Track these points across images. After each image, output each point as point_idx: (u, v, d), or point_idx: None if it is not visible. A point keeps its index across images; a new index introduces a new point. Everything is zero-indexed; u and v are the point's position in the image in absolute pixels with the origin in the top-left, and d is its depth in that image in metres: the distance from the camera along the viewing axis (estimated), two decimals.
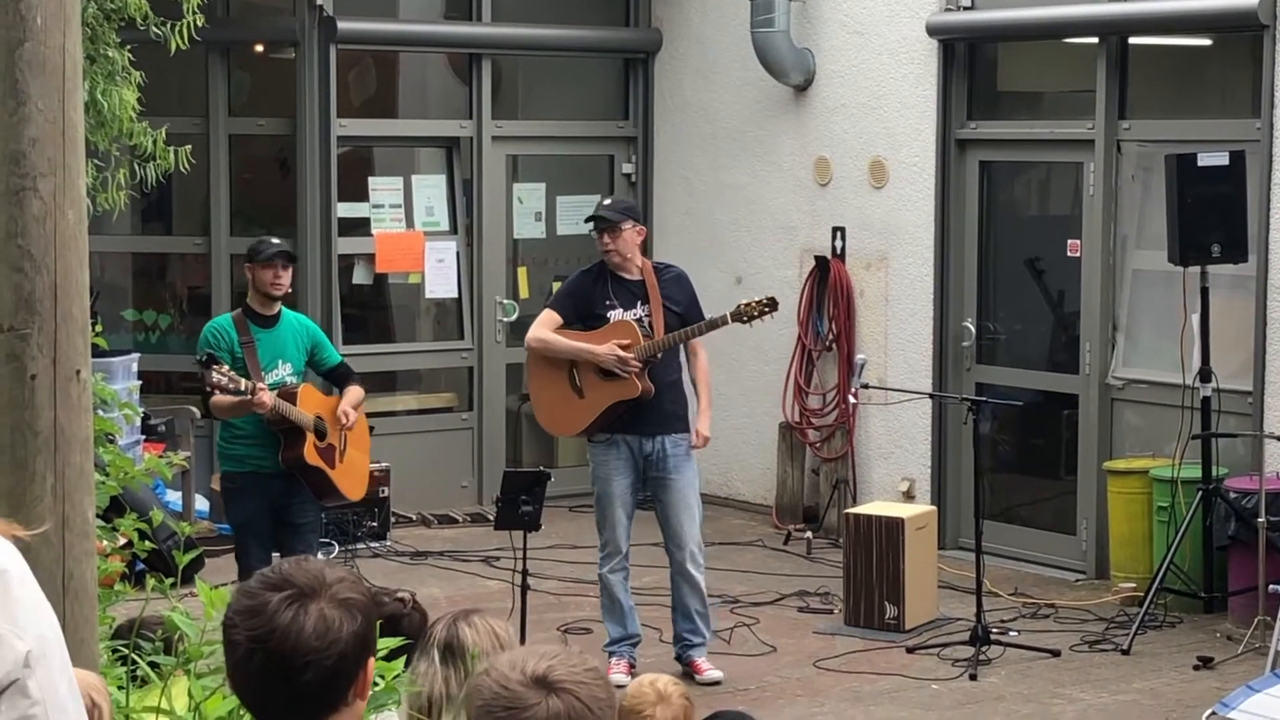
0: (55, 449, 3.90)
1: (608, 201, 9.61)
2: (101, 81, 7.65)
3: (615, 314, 9.10)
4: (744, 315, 9.28)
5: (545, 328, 9.19)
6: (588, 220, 9.41)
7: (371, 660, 2.95)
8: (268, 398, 8.58)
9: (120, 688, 4.67)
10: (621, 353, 8.96)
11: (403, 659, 4.20)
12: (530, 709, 2.84)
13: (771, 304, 9.35)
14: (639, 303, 9.11)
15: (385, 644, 4.42)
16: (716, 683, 9.07)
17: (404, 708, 4.15)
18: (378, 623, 3.00)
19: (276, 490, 8.80)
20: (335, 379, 9.15)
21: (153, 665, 4.99)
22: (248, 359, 8.78)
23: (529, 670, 2.89)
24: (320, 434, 8.83)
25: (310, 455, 8.79)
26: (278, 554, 8.68)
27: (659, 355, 9.03)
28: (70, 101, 3.92)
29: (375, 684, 4.43)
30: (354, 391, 9.06)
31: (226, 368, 8.59)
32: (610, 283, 9.14)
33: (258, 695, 2.90)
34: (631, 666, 9.04)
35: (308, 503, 8.91)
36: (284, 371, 8.87)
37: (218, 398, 8.66)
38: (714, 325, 9.14)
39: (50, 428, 3.90)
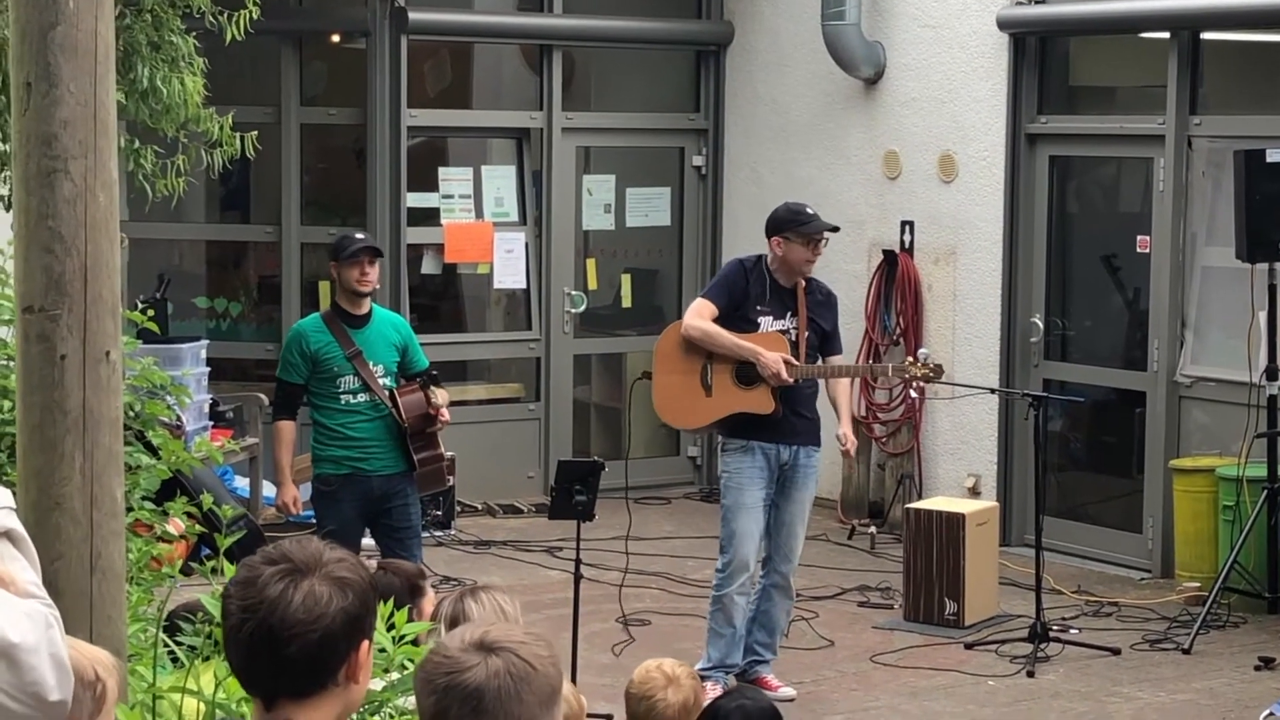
0: (84, 429, 3.94)
1: (811, 209, 8.92)
2: (164, 68, 7.70)
3: (765, 321, 8.73)
4: (905, 373, 9.18)
5: (704, 318, 8.74)
6: (812, 227, 8.70)
7: (366, 644, 2.96)
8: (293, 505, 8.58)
9: (161, 668, 4.72)
10: (784, 370, 8.60)
11: (428, 646, 4.21)
12: (470, 670, 2.90)
13: (938, 371, 9.24)
14: (789, 314, 8.76)
15: (415, 628, 4.43)
16: (790, 700, 8.69)
17: None
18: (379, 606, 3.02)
19: (375, 494, 8.43)
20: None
21: (194, 649, 5.04)
22: (361, 370, 8.38)
23: (467, 638, 2.95)
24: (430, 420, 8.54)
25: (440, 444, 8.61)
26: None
27: (800, 380, 8.72)
28: (102, 85, 3.96)
29: (405, 667, 4.45)
30: (443, 393, 8.62)
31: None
32: (768, 286, 8.75)
33: (245, 666, 2.96)
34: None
35: (410, 507, 8.55)
36: (378, 374, 8.47)
37: (288, 447, 8.49)
38: (873, 373, 8.93)
39: (79, 408, 3.94)
